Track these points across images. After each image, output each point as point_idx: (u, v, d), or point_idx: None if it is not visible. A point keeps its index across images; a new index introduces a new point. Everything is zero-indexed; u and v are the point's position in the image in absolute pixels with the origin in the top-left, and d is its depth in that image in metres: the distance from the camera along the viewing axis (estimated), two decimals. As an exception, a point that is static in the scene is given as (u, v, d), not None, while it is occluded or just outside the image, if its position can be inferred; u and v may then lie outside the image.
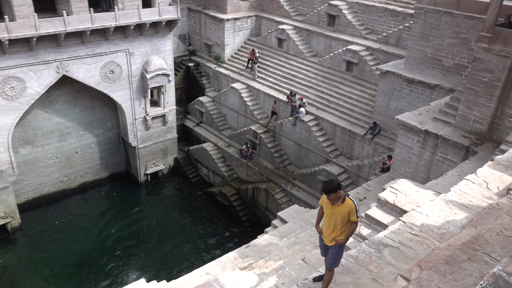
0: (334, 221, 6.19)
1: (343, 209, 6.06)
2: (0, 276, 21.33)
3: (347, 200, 6.00)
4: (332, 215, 6.18)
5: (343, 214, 6.05)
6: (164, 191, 29.17)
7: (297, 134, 24.74)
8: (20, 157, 24.53)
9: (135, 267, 22.17)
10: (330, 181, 5.90)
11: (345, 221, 6.11)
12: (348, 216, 6.06)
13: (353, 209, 6.00)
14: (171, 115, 28.51)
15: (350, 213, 6.02)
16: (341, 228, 6.16)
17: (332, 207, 6.13)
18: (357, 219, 6.11)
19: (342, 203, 6.03)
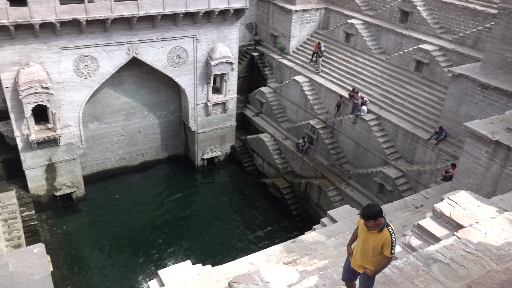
0: (366, 248, 5.68)
1: (377, 239, 5.52)
2: (64, 239, 22.95)
3: (384, 231, 5.45)
4: (365, 241, 5.67)
5: (376, 245, 5.52)
6: (219, 177, 29.72)
7: (356, 132, 24.06)
8: (89, 132, 26.07)
9: (182, 248, 22.87)
10: (371, 205, 5.39)
11: (377, 252, 5.57)
12: (381, 249, 5.53)
13: (388, 242, 5.43)
14: (232, 103, 28.85)
15: (384, 245, 5.47)
16: (372, 258, 5.63)
17: (367, 233, 5.62)
18: (390, 255, 5.52)
19: (378, 232, 5.49)
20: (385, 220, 5.49)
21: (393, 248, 5.45)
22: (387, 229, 5.44)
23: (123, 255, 22.30)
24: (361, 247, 5.73)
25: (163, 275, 13.60)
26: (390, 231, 5.44)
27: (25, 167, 23.37)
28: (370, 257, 5.62)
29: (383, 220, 5.46)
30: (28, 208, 23.19)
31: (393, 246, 5.44)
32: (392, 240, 5.42)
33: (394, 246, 5.48)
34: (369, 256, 5.63)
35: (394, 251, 5.51)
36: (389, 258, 5.58)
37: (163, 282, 13.37)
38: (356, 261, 5.87)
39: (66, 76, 22.55)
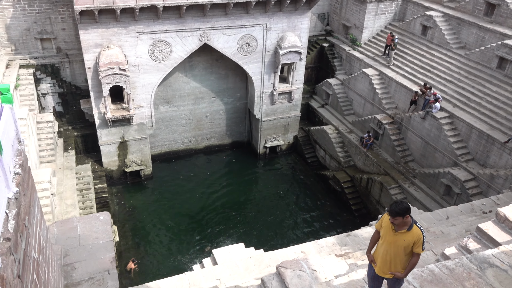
0: (395, 250, 5.41)
1: (407, 238, 5.28)
2: (130, 213, 24.50)
3: (414, 228, 5.23)
4: (392, 243, 5.41)
5: (407, 244, 5.28)
6: (280, 166, 29.89)
7: (425, 130, 22.95)
8: (159, 114, 27.39)
9: (237, 231, 23.43)
10: (399, 202, 5.16)
11: (407, 252, 5.33)
12: (412, 247, 5.29)
13: (420, 239, 5.22)
14: (298, 93, 28.76)
15: (415, 243, 5.24)
16: (401, 259, 5.38)
17: (394, 234, 5.35)
18: (421, 251, 5.33)
19: (407, 231, 5.25)
20: (412, 218, 5.28)
21: (424, 244, 5.33)
22: (417, 226, 5.26)
23: (182, 232, 23.35)
24: (388, 250, 5.45)
25: (216, 255, 14.09)
26: (420, 228, 5.26)
27: (100, 143, 25.14)
28: (399, 259, 5.40)
29: (410, 218, 5.25)
30: (101, 181, 25.01)
31: (425, 242, 5.33)
32: (424, 236, 5.27)
33: (425, 242, 5.37)
34: (398, 258, 5.41)
35: (425, 247, 5.40)
36: (418, 255, 5.39)
37: (216, 261, 13.86)
38: (381, 267, 5.60)
39: (141, 59, 23.80)
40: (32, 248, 6.21)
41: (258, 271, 12.91)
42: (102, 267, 9.16)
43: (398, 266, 5.47)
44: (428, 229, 14.08)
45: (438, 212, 15.96)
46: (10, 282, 4.76)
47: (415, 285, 6.18)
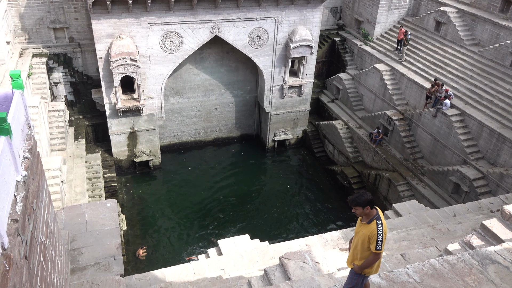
0: (356, 242, 5.38)
1: (365, 231, 5.19)
2: (138, 202, 24.78)
3: (373, 223, 5.11)
4: (356, 234, 5.40)
5: (364, 237, 5.20)
6: (288, 160, 29.92)
7: (435, 127, 22.78)
8: (169, 105, 27.54)
9: (243, 223, 23.57)
10: (362, 193, 5.11)
11: (365, 246, 5.21)
12: (368, 242, 5.18)
13: (374, 235, 5.05)
14: (308, 87, 28.68)
15: (370, 239, 5.11)
16: (360, 252, 5.29)
17: (359, 225, 5.35)
18: (376, 251, 5.08)
19: (367, 224, 5.18)
20: (377, 213, 5.14)
21: (378, 244, 5.03)
22: (376, 222, 5.09)
23: (189, 223, 23.56)
24: (354, 241, 5.45)
25: (222, 245, 14.23)
26: (378, 225, 5.06)
27: (110, 133, 25.39)
28: (359, 251, 5.29)
29: (375, 212, 5.14)
30: (110, 171, 25.29)
31: (379, 241, 5.02)
32: (378, 234, 5.03)
33: (381, 242, 5.03)
34: (358, 250, 5.31)
35: (380, 248, 5.04)
36: (375, 254, 5.12)
37: (221, 251, 14.00)
38: (349, 257, 5.59)
39: (152, 50, 23.92)
40: (40, 231, 6.36)
41: (262, 262, 13.02)
42: (108, 253, 9.32)
43: (357, 258, 5.35)
44: (434, 226, 14.05)
45: (445, 210, 15.90)
46: (17, 262, 4.89)
47: (416, 278, 6.22)
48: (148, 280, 11.97)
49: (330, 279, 8.71)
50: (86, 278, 8.59)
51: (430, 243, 12.25)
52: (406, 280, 6.18)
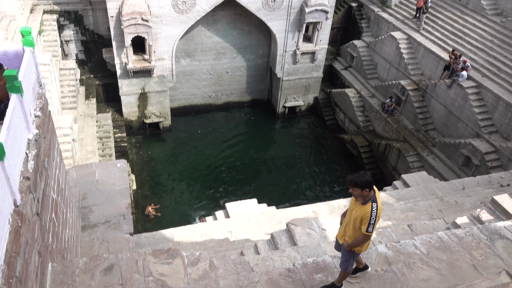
0: (349, 219, 5.31)
1: (358, 211, 5.09)
2: (148, 163, 25.04)
3: (367, 205, 4.98)
4: (349, 212, 5.33)
5: (356, 217, 5.11)
6: (298, 127, 29.79)
7: (450, 99, 22.36)
8: (180, 67, 27.28)
9: (250, 188, 23.79)
10: (362, 174, 4.94)
11: (357, 226, 5.14)
12: (360, 223, 5.09)
13: (367, 217, 4.95)
14: (321, 54, 28.12)
15: (362, 220, 5.02)
16: (351, 231, 5.24)
17: (353, 203, 5.24)
18: (366, 233, 5.00)
19: (361, 204, 5.06)
20: (374, 195, 5.01)
21: (370, 226, 4.94)
22: (371, 204, 4.95)
23: (197, 185, 23.86)
24: (347, 217, 5.38)
25: (229, 208, 14.41)
26: (372, 207, 4.93)
27: (121, 93, 25.35)
28: (350, 229, 5.25)
29: (372, 194, 5.00)
30: (121, 131, 25.44)
31: (371, 224, 4.93)
32: (372, 217, 4.93)
33: (373, 224, 4.94)
34: (350, 228, 5.26)
35: (371, 230, 4.97)
36: (365, 236, 5.05)
37: (228, 214, 14.19)
38: (339, 231, 5.55)
39: (164, 10, 23.44)
40: (51, 188, 6.44)
41: (269, 226, 13.20)
42: (118, 212, 9.49)
43: (347, 235, 5.33)
44: (442, 198, 14.04)
45: (454, 182, 15.84)
46: (29, 218, 4.98)
47: (422, 250, 6.25)
48: (156, 239, 12.24)
49: (335, 246, 8.81)
50: (97, 235, 8.80)
51: (437, 214, 12.28)
52: (412, 251, 6.21)
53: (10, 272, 4.16)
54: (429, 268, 5.95)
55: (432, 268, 5.95)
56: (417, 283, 5.73)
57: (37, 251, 5.23)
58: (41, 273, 5.39)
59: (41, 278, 5.37)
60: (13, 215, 4.59)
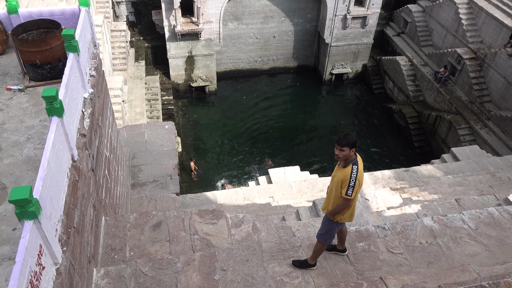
0: (331, 186, 5.03)
1: (339, 175, 4.79)
2: (193, 126, 25.55)
3: (348, 167, 4.71)
4: (332, 178, 5.02)
5: (338, 181, 4.81)
6: (344, 94, 29.13)
7: (511, 69, 20.95)
8: (227, 31, 27.12)
9: (294, 155, 23.72)
10: (349, 133, 4.71)
11: (338, 192, 4.84)
12: (341, 187, 4.78)
13: (346, 179, 4.66)
14: (373, 19, 26.95)
15: (343, 183, 4.72)
16: (334, 198, 4.93)
17: (336, 170, 4.97)
18: (346, 196, 4.68)
19: (343, 168, 4.78)
20: (355, 158, 4.76)
21: (349, 189, 4.66)
22: (352, 166, 4.69)
23: (241, 149, 24.15)
24: (330, 185, 5.10)
25: (272, 174, 14.55)
26: (353, 169, 4.67)
27: (169, 56, 25.68)
28: (333, 197, 4.96)
29: (353, 156, 4.77)
30: (168, 94, 25.94)
31: (351, 187, 4.64)
32: (351, 179, 4.65)
33: (353, 187, 4.64)
34: (332, 196, 4.98)
35: (351, 194, 4.66)
36: (345, 199, 4.75)
37: (271, 180, 14.35)
38: (324, 203, 5.28)
39: (213, -29, 23.16)
40: (104, 146, 6.73)
41: (310, 194, 13.26)
42: (166, 172, 9.82)
43: (329, 204, 5.07)
44: (493, 174, 13.46)
45: (509, 158, 15.10)
46: (85, 173, 5.25)
47: (470, 225, 6.07)
48: (200, 200, 12.64)
49: (378, 216, 8.74)
50: (145, 194, 9.19)
51: (487, 190, 11.82)
52: (460, 225, 6.05)
53: (68, 222, 4.45)
54: (476, 244, 5.79)
55: (480, 243, 5.78)
56: (463, 257, 5.60)
57: (92, 205, 5.54)
58: (95, 226, 5.74)
59: (95, 230, 5.72)
60: (71, 169, 4.86)
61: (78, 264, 4.64)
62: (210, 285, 5.22)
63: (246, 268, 5.41)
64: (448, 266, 5.46)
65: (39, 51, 5.83)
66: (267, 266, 5.46)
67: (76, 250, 4.56)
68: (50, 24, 6.14)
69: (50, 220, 3.96)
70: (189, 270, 5.38)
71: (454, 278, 4.96)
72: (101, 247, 5.94)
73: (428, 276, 5.03)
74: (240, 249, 5.68)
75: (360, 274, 5.39)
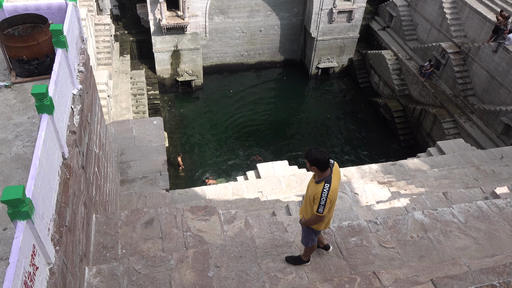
0: (305, 196, 5.04)
1: (312, 190, 4.78)
2: (179, 121, 25.38)
3: (320, 184, 4.65)
4: (307, 188, 5.03)
5: (310, 195, 4.81)
6: (330, 88, 29.25)
7: (494, 63, 21.28)
8: (213, 25, 26.92)
9: (281, 149, 23.77)
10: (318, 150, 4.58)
11: (311, 205, 4.85)
12: (313, 201, 4.77)
13: (317, 198, 4.63)
14: (359, 13, 27.05)
15: (314, 199, 4.70)
16: (308, 208, 4.95)
17: (311, 180, 4.94)
18: (317, 213, 4.68)
19: (316, 183, 4.73)
20: (329, 176, 4.65)
21: (320, 207, 4.63)
22: (324, 184, 4.62)
23: (228, 144, 24.09)
24: (306, 192, 5.09)
25: (260, 169, 14.53)
26: (324, 188, 4.60)
27: (154, 50, 25.38)
28: (307, 205, 4.98)
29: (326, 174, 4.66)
30: (154, 88, 25.68)
31: (322, 205, 4.62)
32: (322, 198, 4.61)
33: (324, 206, 4.61)
34: (306, 205, 5.00)
35: (322, 211, 4.65)
36: (317, 216, 4.75)
37: (260, 175, 14.34)
38: (301, 207, 5.31)
39: (199, -36, 22.92)
40: (94, 143, 6.63)
41: (299, 188, 13.29)
42: (155, 168, 9.74)
43: (305, 211, 5.10)
44: (478, 167, 13.70)
45: (492, 151, 15.38)
46: (75, 171, 5.17)
47: (460, 218, 6.17)
48: (189, 196, 12.57)
49: (368, 210, 8.82)
50: (135, 190, 9.10)
51: (472, 183, 12.04)
52: (450, 219, 6.14)
53: (60, 221, 4.38)
54: (466, 237, 5.89)
55: (469, 237, 5.89)
56: (453, 251, 5.70)
57: (83, 203, 5.46)
58: (86, 224, 5.66)
59: (86, 228, 5.65)
60: (62, 167, 4.78)
61: (71, 263, 4.57)
62: (204, 282, 5.21)
63: (240, 265, 5.41)
64: (439, 259, 5.55)
65: (26, 46, 5.69)
66: (260, 262, 5.47)
67: (68, 249, 4.49)
68: (36, 19, 5.99)
69: (43, 220, 3.89)
70: (182, 267, 5.35)
71: (445, 271, 5.04)
72: (92, 245, 5.87)
73: (420, 270, 5.10)
74: (234, 246, 5.67)
75: (353, 269, 5.44)
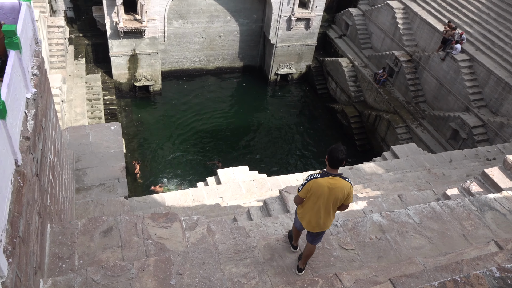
0: None
1: None
2: (137, 127, 24.86)
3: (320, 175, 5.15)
4: None
5: None
6: (289, 94, 29.67)
7: (442, 71, 22.41)
8: (172, 29, 26.64)
9: (241, 155, 23.87)
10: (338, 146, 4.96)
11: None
12: None
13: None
14: (316, 21, 27.68)
15: None
16: None
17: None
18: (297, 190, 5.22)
19: None
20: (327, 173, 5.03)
21: (300, 186, 5.13)
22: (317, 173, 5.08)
23: (187, 151, 23.84)
24: None
25: (221, 174, 14.48)
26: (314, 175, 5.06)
27: (111, 54, 24.76)
28: None
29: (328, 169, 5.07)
30: (110, 93, 25.03)
31: (301, 184, 5.11)
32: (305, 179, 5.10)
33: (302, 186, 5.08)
34: None
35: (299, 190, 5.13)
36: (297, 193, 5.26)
37: (220, 180, 14.28)
38: None
39: (157, -32, 22.66)
40: (48, 149, 6.37)
41: (260, 193, 13.36)
42: (113, 175, 9.48)
43: None
44: (430, 170, 14.31)
45: (442, 155, 16.12)
46: (29, 179, 4.94)
47: (415, 219, 6.42)
48: (148, 203, 12.32)
49: (328, 214, 8.99)
50: (91, 198, 8.81)
51: (425, 186, 12.56)
52: (406, 220, 6.39)
53: (13, 231, 4.16)
54: (421, 237, 6.14)
55: (424, 237, 6.15)
56: (410, 250, 5.92)
57: (37, 212, 5.23)
58: (41, 234, 5.41)
59: (41, 238, 5.40)
60: (15, 175, 4.55)
61: (25, 276, 4.36)
62: (166, 290, 5.11)
63: (202, 271, 5.36)
64: (397, 259, 5.74)
65: (-26, 47, 5.39)
66: (224, 268, 5.44)
67: (22, 261, 4.28)
68: (-14, 19, 5.70)
69: (-5, 231, 3.69)
70: (143, 276, 5.23)
71: (402, 271, 5.23)
72: (47, 256, 5.62)
73: (378, 270, 5.26)
74: (196, 252, 5.61)
75: (315, 271, 5.53)
